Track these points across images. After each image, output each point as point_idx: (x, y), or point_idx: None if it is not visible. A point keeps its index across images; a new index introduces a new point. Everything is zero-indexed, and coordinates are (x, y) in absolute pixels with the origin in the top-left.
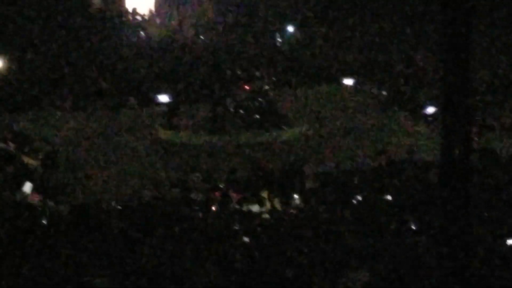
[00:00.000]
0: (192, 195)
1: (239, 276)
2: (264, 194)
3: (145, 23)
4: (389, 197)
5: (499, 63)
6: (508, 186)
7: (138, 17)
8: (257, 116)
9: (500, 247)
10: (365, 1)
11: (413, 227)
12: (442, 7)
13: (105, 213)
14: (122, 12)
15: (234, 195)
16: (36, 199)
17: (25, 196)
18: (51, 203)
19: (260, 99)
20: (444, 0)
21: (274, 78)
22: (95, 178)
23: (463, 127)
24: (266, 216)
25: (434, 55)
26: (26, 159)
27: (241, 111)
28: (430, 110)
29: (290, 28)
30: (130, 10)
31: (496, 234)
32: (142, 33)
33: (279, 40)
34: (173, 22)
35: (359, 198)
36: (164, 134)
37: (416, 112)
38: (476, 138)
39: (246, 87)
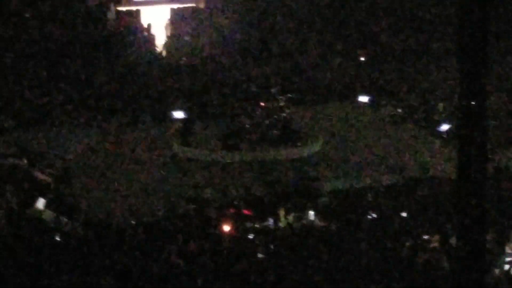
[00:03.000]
0: (207, 212)
1: None
2: (279, 211)
3: (159, 39)
4: (404, 214)
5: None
6: None
7: (153, 33)
8: (272, 133)
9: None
10: (380, 19)
11: (429, 245)
12: (459, 24)
13: (120, 229)
14: (137, 28)
15: (248, 212)
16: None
17: (38, 212)
18: (64, 220)
19: (275, 116)
20: (462, 16)
21: (289, 95)
22: (109, 194)
23: (479, 145)
24: (281, 233)
25: (450, 72)
26: (39, 175)
27: (256, 128)
28: (445, 127)
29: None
30: (145, 25)
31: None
32: (157, 49)
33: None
34: (187, 39)
35: (374, 215)
36: (179, 150)
37: (432, 129)
38: (491, 156)
39: (262, 104)
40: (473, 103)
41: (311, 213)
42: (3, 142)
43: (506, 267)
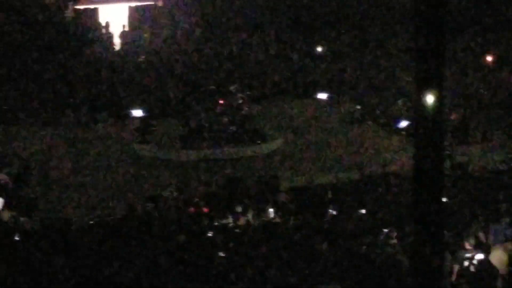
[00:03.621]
0: (166, 210)
1: None
2: (238, 209)
3: (118, 37)
4: (363, 211)
5: (470, 79)
6: (479, 197)
7: (111, 31)
8: (231, 131)
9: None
10: (340, 17)
11: (388, 241)
12: (416, 22)
13: (79, 228)
14: (95, 26)
15: (208, 210)
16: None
17: None
18: (23, 219)
19: (234, 113)
20: (418, 14)
21: (248, 93)
22: (68, 194)
23: (435, 141)
24: (240, 230)
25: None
26: None
27: (215, 126)
28: (403, 124)
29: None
30: (103, 24)
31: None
32: (115, 47)
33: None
34: (146, 36)
35: (334, 212)
36: (138, 149)
37: (390, 126)
38: (448, 151)
39: (221, 101)
40: (429, 100)
41: (271, 210)
42: None
43: (466, 263)
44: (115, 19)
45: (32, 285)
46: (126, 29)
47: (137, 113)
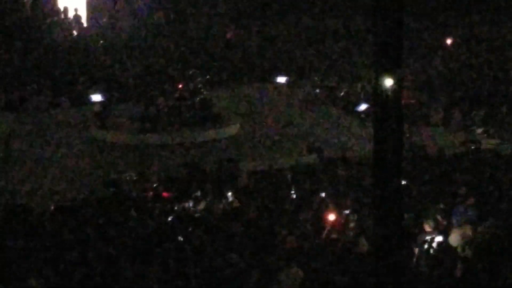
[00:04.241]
0: (125, 195)
1: (172, 275)
2: (198, 193)
3: (77, 22)
4: (323, 194)
5: (429, 61)
6: (437, 179)
7: (70, 16)
8: (190, 115)
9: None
10: (299, 0)
11: (348, 225)
12: (374, 2)
13: (38, 214)
14: (54, 11)
15: (167, 194)
16: None
17: None
18: None
19: (193, 98)
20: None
21: (207, 77)
22: (27, 179)
23: (394, 124)
24: (200, 214)
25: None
26: None
27: (174, 110)
28: (363, 107)
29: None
30: (62, 9)
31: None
32: (74, 32)
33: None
34: (104, 21)
35: (293, 195)
36: (97, 133)
37: (349, 109)
38: (407, 134)
39: (179, 86)
40: (387, 82)
41: (229, 194)
42: None
43: (425, 246)
44: (73, 4)
45: None
46: (85, 14)
47: (96, 97)
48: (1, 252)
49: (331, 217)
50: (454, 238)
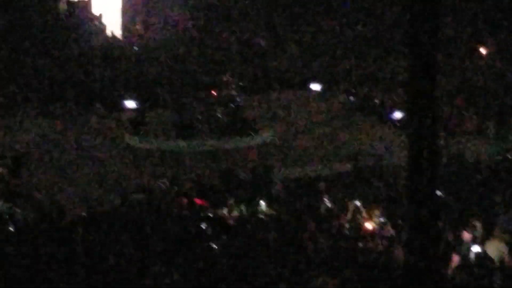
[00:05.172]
0: (158, 202)
1: (206, 281)
2: (231, 201)
3: (111, 29)
4: (357, 203)
5: (464, 69)
6: (476, 189)
7: (105, 23)
8: (224, 122)
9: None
10: (334, 9)
11: (384, 234)
12: (409, 12)
13: (72, 220)
14: (88, 18)
15: (200, 201)
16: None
17: None
18: (17, 210)
19: (227, 105)
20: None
21: (241, 84)
22: (61, 185)
23: (429, 132)
24: (233, 222)
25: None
26: None
27: (208, 117)
28: (397, 115)
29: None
30: (96, 15)
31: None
32: (108, 39)
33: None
34: (138, 28)
35: (328, 204)
36: (131, 140)
37: (384, 118)
38: (442, 143)
39: (214, 93)
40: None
41: (263, 202)
42: None
43: (463, 255)
44: (108, 10)
45: (26, 275)
46: (119, 21)
47: (130, 104)
48: (34, 258)
49: (366, 225)
50: (492, 248)
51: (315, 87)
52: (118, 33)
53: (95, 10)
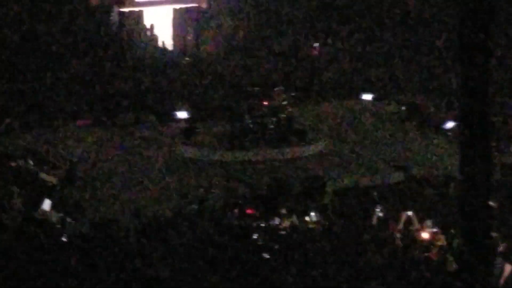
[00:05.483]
0: (210, 212)
1: None
2: (283, 210)
3: (162, 40)
4: (410, 213)
5: None
6: None
7: (156, 34)
8: (276, 132)
9: None
10: (384, 18)
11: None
12: (461, 20)
13: (125, 230)
14: (140, 29)
15: (252, 211)
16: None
17: (44, 213)
18: (70, 221)
19: (278, 115)
20: (464, 13)
21: (292, 94)
22: (114, 195)
23: (482, 141)
24: (285, 232)
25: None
26: (45, 176)
27: (260, 127)
28: (449, 125)
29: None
30: (148, 26)
31: None
32: (160, 49)
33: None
34: (189, 38)
35: (380, 213)
36: (183, 150)
37: (436, 127)
38: (495, 153)
39: (265, 103)
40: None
41: (315, 212)
42: (9, 144)
43: None
44: (159, 21)
45: (79, 286)
46: (170, 31)
47: (182, 114)
48: (86, 269)
49: (418, 235)
50: None
51: (367, 96)
52: (169, 43)
53: (147, 21)
